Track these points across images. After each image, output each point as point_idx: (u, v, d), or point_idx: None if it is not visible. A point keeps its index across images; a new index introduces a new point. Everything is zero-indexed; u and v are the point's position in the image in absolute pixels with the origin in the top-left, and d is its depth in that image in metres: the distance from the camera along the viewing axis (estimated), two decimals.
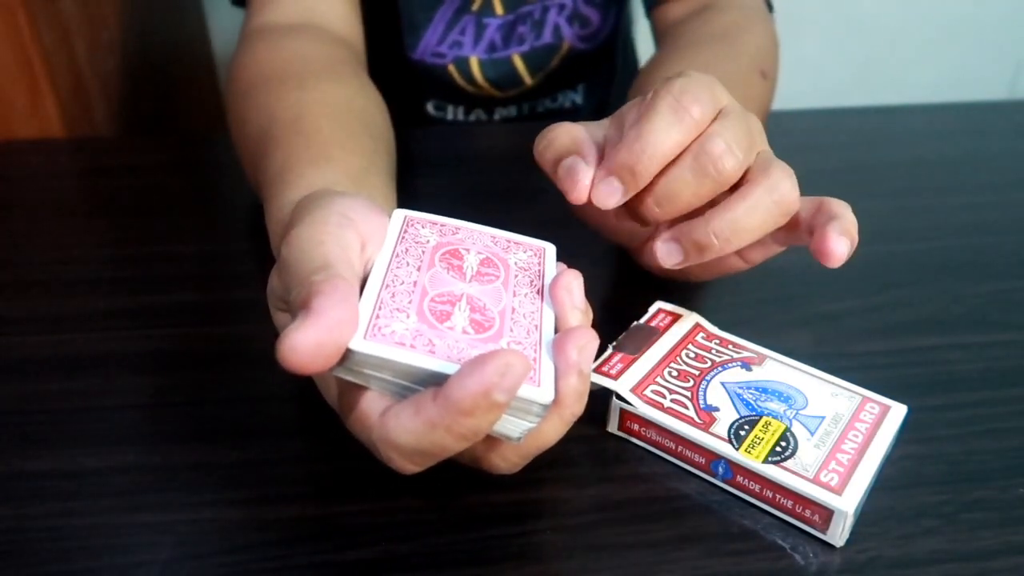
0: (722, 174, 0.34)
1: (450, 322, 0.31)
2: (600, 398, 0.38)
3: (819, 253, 0.35)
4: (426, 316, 0.30)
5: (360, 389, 0.29)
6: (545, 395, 0.29)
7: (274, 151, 0.44)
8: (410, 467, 0.29)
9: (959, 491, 0.36)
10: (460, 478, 0.35)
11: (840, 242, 0.34)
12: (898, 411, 0.37)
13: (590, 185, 0.35)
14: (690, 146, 0.34)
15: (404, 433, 0.28)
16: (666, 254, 0.36)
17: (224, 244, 0.52)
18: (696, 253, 0.36)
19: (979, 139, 0.67)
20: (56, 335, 0.44)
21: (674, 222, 0.36)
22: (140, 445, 0.37)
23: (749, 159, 0.35)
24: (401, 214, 0.36)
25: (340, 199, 0.33)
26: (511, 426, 0.30)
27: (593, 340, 0.30)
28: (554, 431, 0.31)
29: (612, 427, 0.38)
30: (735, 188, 0.35)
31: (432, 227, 0.35)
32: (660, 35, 0.67)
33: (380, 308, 0.30)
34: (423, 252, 0.34)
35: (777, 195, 0.35)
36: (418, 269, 0.33)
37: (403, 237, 0.34)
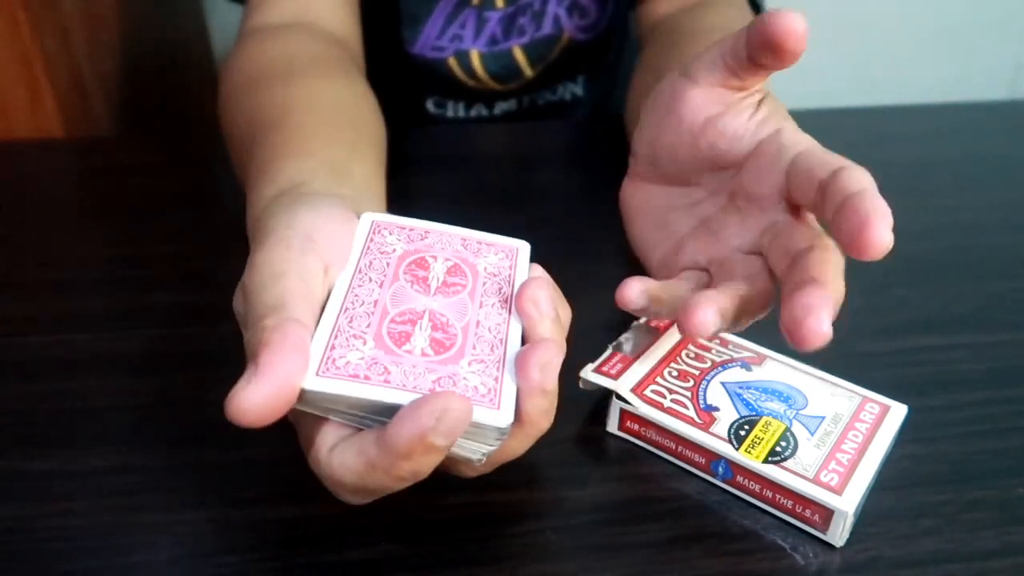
0: None
1: (409, 344, 0.30)
2: (600, 398, 0.38)
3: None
4: (384, 341, 0.30)
5: (314, 421, 0.29)
6: (503, 419, 0.28)
7: (256, 151, 0.43)
8: (355, 500, 0.30)
9: (959, 491, 0.36)
10: (460, 478, 0.35)
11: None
12: (898, 411, 0.37)
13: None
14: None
15: (347, 472, 0.28)
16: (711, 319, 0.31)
17: (224, 244, 0.52)
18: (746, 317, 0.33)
19: (979, 139, 0.67)
20: (56, 335, 0.44)
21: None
22: (140, 445, 0.37)
23: None
24: (369, 219, 0.35)
25: (307, 215, 0.32)
26: (470, 450, 0.29)
27: (558, 353, 0.29)
28: (520, 445, 0.31)
29: (612, 427, 0.38)
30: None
31: (400, 232, 0.34)
32: (645, 31, 0.67)
33: (336, 337, 0.29)
34: (387, 264, 0.33)
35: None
36: (380, 285, 0.32)
37: (368, 248, 0.33)
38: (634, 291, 0.34)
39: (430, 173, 0.61)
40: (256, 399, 0.26)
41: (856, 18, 1.43)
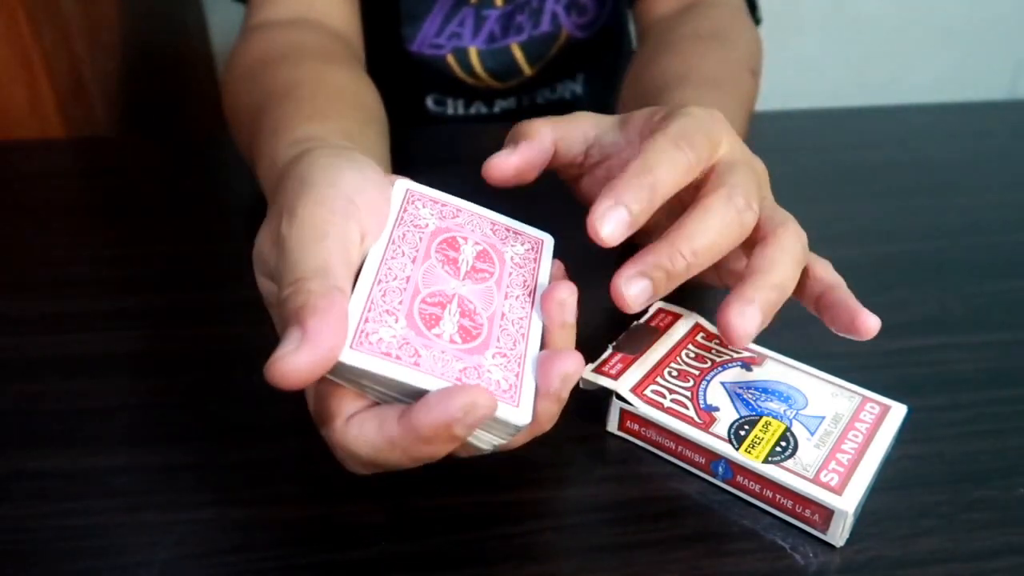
0: (745, 228, 0.34)
1: (439, 328, 0.30)
2: (600, 398, 0.38)
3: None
4: (415, 321, 0.30)
5: (332, 388, 0.30)
6: (522, 417, 0.29)
7: (267, 119, 0.44)
8: (362, 471, 0.30)
9: (959, 491, 0.36)
10: (460, 477, 0.35)
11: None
12: (898, 411, 0.37)
13: (499, 165, 0.38)
14: (712, 196, 0.34)
15: (364, 444, 0.28)
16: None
17: (224, 244, 0.52)
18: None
19: (979, 139, 0.67)
20: (56, 335, 0.44)
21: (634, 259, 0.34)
22: (140, 445, 0.37)
23: (758, 211, 0.35)
24: (403, 187, 0.35)
25: (350, 175, 0.32)
26: (484, 440, 0.30)
27: (580, 369, 0.30)
28: (521, 439, 0.32)
29: (612, 427, 0.38)
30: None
31: (432, 206, 0.35)
32: (644, 30, 0.67)
33: (370, 310, 0.30)
34: (420, 239, 0.33)
35: (793, 257, 0.34)
36: (413, 261, 0.32)
37: (402, 218, 0.34)
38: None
39: (430, 173, 0.60)
40: (300, 365, 0.27)
41: (856, 18, 1.43)
